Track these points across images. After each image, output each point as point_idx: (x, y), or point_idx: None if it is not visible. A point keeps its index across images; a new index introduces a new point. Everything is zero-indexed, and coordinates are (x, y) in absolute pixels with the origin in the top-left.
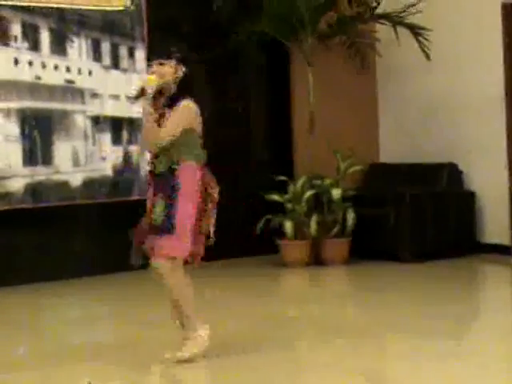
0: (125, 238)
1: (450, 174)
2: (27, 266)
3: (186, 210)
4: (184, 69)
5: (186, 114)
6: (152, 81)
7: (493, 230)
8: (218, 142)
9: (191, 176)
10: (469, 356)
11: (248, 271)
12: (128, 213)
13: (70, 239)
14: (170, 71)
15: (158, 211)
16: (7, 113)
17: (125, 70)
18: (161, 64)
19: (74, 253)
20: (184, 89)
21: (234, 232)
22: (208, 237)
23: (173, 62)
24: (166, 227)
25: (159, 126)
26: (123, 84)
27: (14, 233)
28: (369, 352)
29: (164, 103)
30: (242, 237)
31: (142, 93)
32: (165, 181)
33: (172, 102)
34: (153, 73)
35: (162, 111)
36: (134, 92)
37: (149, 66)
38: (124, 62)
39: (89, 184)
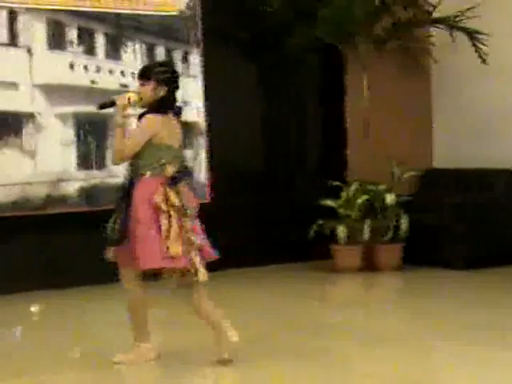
0: None
1: (507, 180)
2: (82, 268)
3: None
4: (165, 88)
5: (145, 126)
6: (131, 97)
7: None
8: (271, 147)
9: (145, 194)
10: None
11: (300, 276)
12: None
13: None
14: (148, 92)
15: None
16: (63, 117)
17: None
18: (142, 85)
19: None
20: (237, 95)
21: (286, 237)
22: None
23: (152, 83)
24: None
25: None
26: None
27: (69, 236)
28: (414, 361)
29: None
30: (295, 242)
31: (109, 104)
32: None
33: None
34: (134, 92)
35: None
36: (102, 101)
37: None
38: (178, 67)
39: None
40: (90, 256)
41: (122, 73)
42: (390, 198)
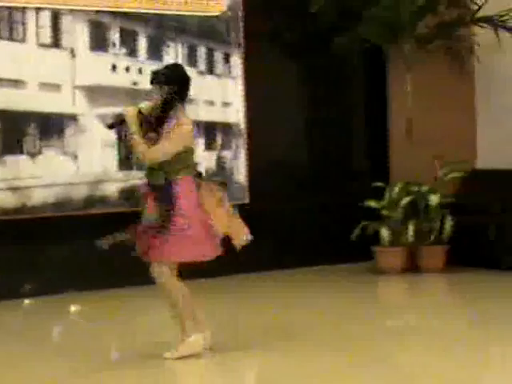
0: None
1: None
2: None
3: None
4: (167, 89)
5: (186, 135)
6: (142, 109)
7: None
8: (313, 148)
9: (187, 189)
10: None
11: (344, 278)
12: None
13: None
14: (163, 96)
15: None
16: (104, 118)
17: (220, 76)
18: (156, 89)
19: None
20: (279, 96)
21: (330, 238)
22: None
23: (156, 87)
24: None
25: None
26: (218, 89)
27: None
28: (467, 364)
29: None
30: (339, 243)
31: (118, 123)
32: (163, 192)
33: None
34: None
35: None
36: (110, 121)
37: None
38: (219, 68)
39: None
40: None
41: None
42: (433, 199)
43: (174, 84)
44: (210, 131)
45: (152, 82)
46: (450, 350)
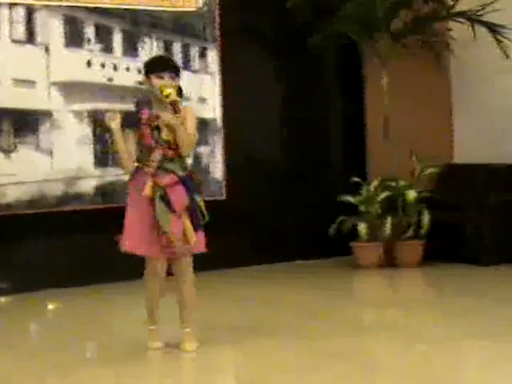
0: None
1: None
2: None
3: None
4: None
5: (194, 116)
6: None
7: None
8: (290, 145)
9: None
10: None
11: (321, 273)
12: None
13: None
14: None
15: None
16: (79, 114)
17: (196, 72)
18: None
19: None
20: (256, 92)
21: (308, 234)
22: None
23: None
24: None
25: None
26: (194, 85)
27: (85, 233)
28: (445, 360)
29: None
30: (316, 239)
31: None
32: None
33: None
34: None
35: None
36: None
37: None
38: (195, 64)
39: None
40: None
41: (139, 70)
42: (411, 195)
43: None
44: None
45: (165, 69)
46: (423, 344)
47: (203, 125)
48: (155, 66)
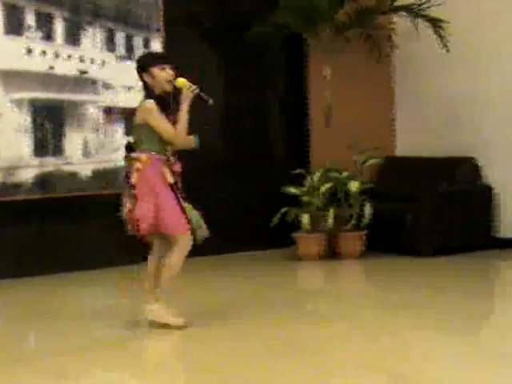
0: None
1: (469, 168)
2: (38, 256)
3: None
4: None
5: None
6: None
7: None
8: (234, 135)
9: None
10: (485, 354)
11: (263, 264)
12: None
13: (83, 230)
14: None
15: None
16: (19, 103)
17: None
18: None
19: (87, 243)
20: (199, 83)
21: (251, 225)
22: None
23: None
24: None
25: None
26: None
27: (23, 223)
28: (388, 350)
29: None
30: (259, 230)
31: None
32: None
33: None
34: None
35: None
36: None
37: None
38: (138, 53)
39: (99, 175)
40: (48, 243)
41: (81, 58)
42: (353, 186)
43: None
44: (130, 117)
45: (166, 61)
46: (366, 335)
47: None
48: (157, 58)
